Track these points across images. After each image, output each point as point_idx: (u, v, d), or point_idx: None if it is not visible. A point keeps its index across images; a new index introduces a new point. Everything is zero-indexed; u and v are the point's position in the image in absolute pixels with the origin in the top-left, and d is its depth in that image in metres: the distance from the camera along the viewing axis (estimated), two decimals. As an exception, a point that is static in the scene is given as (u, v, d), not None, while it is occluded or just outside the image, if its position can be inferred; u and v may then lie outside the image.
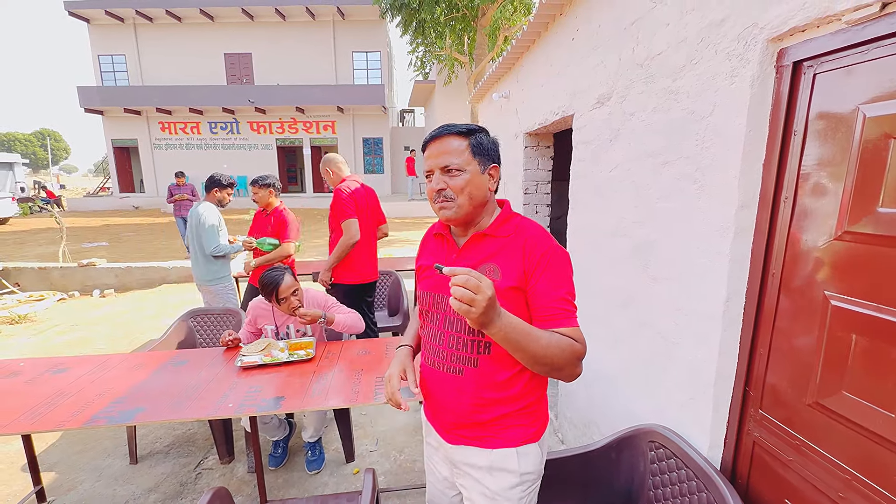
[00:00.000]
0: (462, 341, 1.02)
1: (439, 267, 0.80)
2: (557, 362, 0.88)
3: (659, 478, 1.37)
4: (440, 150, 0.98)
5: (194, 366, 1.99)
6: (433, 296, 1.07)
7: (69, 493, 2.13)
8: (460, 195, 0.98)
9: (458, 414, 1.05)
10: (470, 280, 0.74)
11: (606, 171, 1.90)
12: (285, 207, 3.26)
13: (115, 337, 4.23)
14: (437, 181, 0.98)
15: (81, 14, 16.90)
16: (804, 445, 1.04)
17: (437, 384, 1.09)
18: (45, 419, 1.54)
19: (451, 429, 1.08)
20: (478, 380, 1.01)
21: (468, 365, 1.02)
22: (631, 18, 1.64)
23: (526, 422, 1.05)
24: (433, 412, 1.14)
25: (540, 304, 0.94)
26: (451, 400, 1.05)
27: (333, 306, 2.31)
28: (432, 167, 0.99)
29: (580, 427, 2.22)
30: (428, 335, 1.11)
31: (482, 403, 1.02)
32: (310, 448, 2.33)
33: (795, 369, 1.06)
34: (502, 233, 1.02)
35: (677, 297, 1.41)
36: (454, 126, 1.00)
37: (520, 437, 1.04)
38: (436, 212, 1.02)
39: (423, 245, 1.20)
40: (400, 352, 1.22)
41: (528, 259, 0.96)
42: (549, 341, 0.87)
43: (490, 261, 1.00)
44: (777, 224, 1.09)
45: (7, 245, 8.86)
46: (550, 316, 0.93)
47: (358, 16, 17.07)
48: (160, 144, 18.01)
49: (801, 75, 1.02)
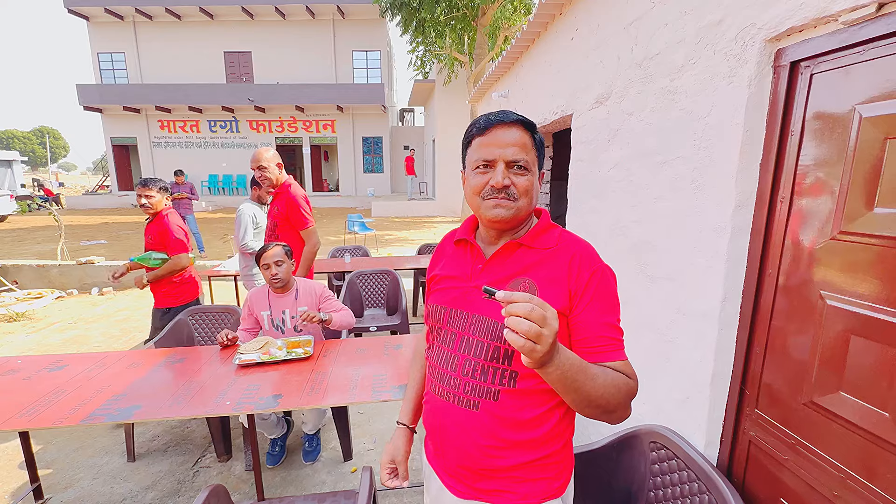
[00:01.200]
0: (481, 368, 0.84)
1: (490, 291, 0.64)
2: (612, 404, 0.74)
3: (660, 478, 1.37)
4: (510, 140, 0.82)
5: (192, 363, 1.98)
6: (449, 311, 0.91)
7: (67, 491, 2.12)
8: (523, 197, 0.84)
9: (468, 457, 0.87)
10: (535, 310, 0.59)
11: (605, 170, 1.90)
12: (170, 211, 2.81)
13: (112, 335, 4.22)
14: (503, 175, 0.82)
15: (81, 11, 16.88)
16: (799, 444, 1.05)
17: (445, 418, 0.90)
18: (43, 416, 1.54)
19: (457, 475, 0.90)
20: (497, 417, 0.84)
21: (487, 398, 0.84)
22: (630, 18, 1.64)
23: (550, 474, 0.87)
24: (436, 452, 0.94)
25: (587, 333, 0.80)
26: (461, 438, 0.87)
27: (329, 299, 2.34)
28: (496, 157, 0.82)
29: (579, 427, 2.22)
30: (438, 358, 0.93)
31: (499, 447, 0.84)
32: (307, 440, 2.37)
33: (791, 369, 1.07)
34: (541, 244, 0.87)
35: (674, 297, 1.42)
36: (520, 115, 0.84)
37: (541, 492, 0.87)
38: (480, 208, 0.86)
39: (440, 252, 1.03)
40: (394, 435, 1.07)
41: (576, 280, 0.82)
42: (606, 380, 0.73)
43: (524, 275, 0.85)
44: (774, 224, 1.10)
45: (5, 243, 8.85)
46: (599, 348, 0.79)
47: (358, 15, 17.08)
48: (159, 142, 18.00)
49: (798, 75, 1.03)
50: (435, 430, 0.93)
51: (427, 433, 0.98)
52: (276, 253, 2.23)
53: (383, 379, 1.81)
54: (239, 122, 17.82)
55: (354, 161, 18.32)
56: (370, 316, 3.68)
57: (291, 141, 18.28)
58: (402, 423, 1.08)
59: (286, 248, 2.28)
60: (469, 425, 0.86)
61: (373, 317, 3.64)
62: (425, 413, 0.98)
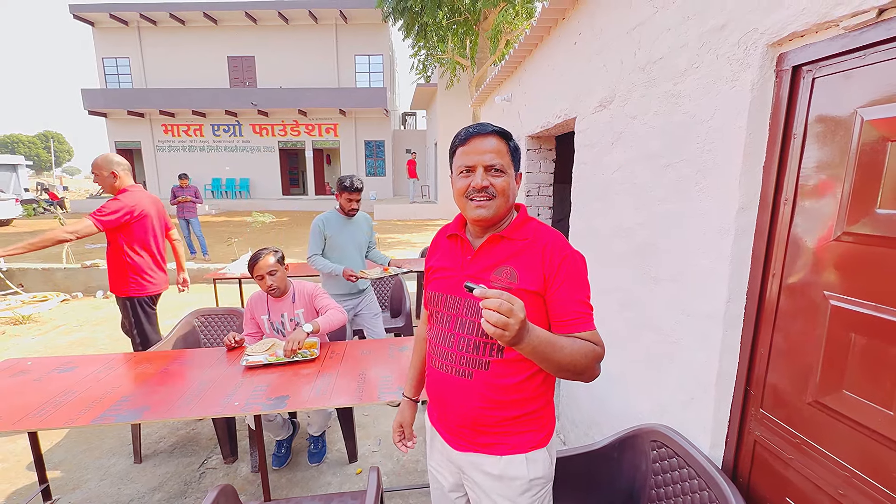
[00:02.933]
0: (473, 344, 1.01)
1: (470, 287, 0.77)
2: (579, 367, 0.89)
3: (661, 477, 1.38)
4: (487, 148, 0.96)
5: (199, 365, 2.00)
6: (445, 297, 1.06)
7: (74, 492, 2.14)
8: (500, 196, 0.97)
9: (466, 418, 1.03)
10: (503, 304, 0.73)
11: (608, 173, 1.92)
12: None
13: (118, 337, 4.24)
14: (482, 178, 0.96)
15: (86, 17, 17.05)
16: (805, 444, 1.06)
17: (445, 387, 1.07)
18: (53, 417, 1.56)
19: (458, 433, 1.06)
20: (487, 383, 1.00)
21: (479, 368, 1.00)
22: (632, 23, 1.66)
23: (534, 427, 1.04)
24: (439, 416, 1.12)
25: (560, 309, 0.95)
26: (459, 403, 1.04)
27: (320, 296, 2.32)
28: (476, 163, 0.96)
29: (582, 428, 2.23)
30: (436, 337, 1.09)
31: (491, 407, 1.01)
32: (313, 441, 2.38)
33: (796, 368, 1.08)
34: (519, 236, 1.02)
35: (679, 298, 1.43)
36: (495, 126, 0.99)
37: (528, 442, 1.03)
38: (465, 209, 1.01)
39: (435, 246, 1.19)
40: (401, 406, 1.31)
41: (548, 265, 0.96)
42: (573, 348, 0.88)
43: (506, 263, 0.99)
44: (777, 225, 1.11)
45: (11, 246, 8.90)
46: (570, 321, 0.94)
47: (360, 19, 17.18)
48: (163, 146, 18.12)
49: (800, 79, 1.04)
50: (437, 397, 1.11)
51: (430, 400, 1.16)
52: (267, 263, 2.17)
53: (389, 380, 1.83)
54: (242, 127, 17.93)
55: (357, 164, 18.37)
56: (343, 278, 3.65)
57: (294, 145, 18.37)
58: (406, 395, 1.32)
59: (278, 256, 2.23)
60: (465, 391, 1.02)
61: (376, 319, 3.65)
62: (428, 384, 1.15)
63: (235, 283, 4.95)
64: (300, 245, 8.85)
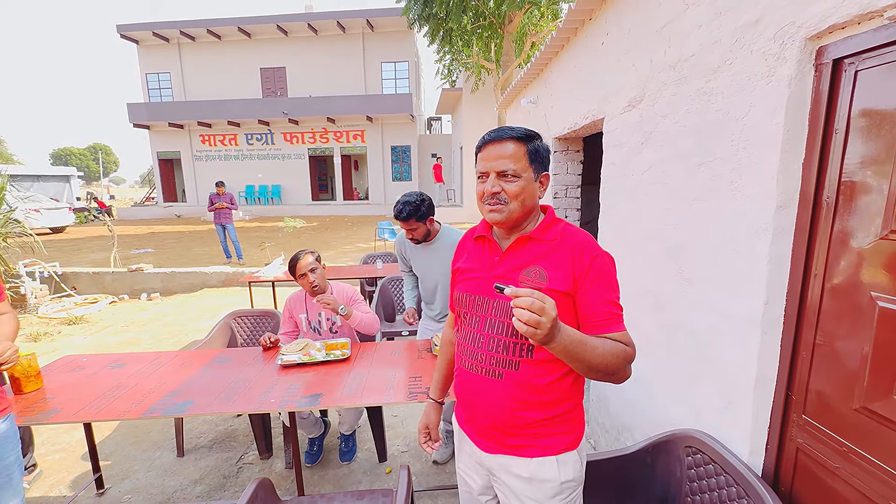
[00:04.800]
0: (503, 344, 1.00)
1: (500, 287, 0.78)
2: (611, 367, 0.88)
3: (696, 484, 1.35)
4: (499, 154, 0.97)
5: (238, 364, 2.09)
6: (473, 298, 1.06)
7: (124, 482, 2.27)
8: (513, 200, 0.98)
9: (496, 419, 1.02)
10: (535, 302, 0.74)
11: (638, 173, 1.89)
12: None
13: (160, 337, 4.48)
14: (493, 184, 0.98)
15: (131, 36, 18.19)
16: (852, 452, 1.01)
17: (474, 388, 1.06)
18: (107, 410, 1.67)
19: (487, 435, 1.06)
20: (517, 384, 0.99)
21: (509, 368, 1.00)
22: (662, 21, 1.64)
23: (565, 429, 1.03)
24: (467, 417, 1.11)
25: (590, 310, 0.95)
26: (489, 404, 1.03)
27: (357, 302, 2.39)
28: (488, 170, 0.98)
29: (612, 433, 2.19)
30: (465, 337, 1.08)
31: (521, 408, 1.00)
32: (344, 440, 2.44)
33: (841, 373, 1.03)
34: (547, 237, 1.01)
35: (714, 300, 1.39)
36: (514, 129, 0.98)
37: (559, 444, 1.02)
38: (483, 213, 1.02)
39: (462, 248, 1.19)
40: (426, 409, 1.31)
41: (578, 265, 0.96)
42: (604, 349, 0.88)
43: (535, 264, 0.99)
44: (819, 224, 1.07)
45: (65, 252, 9.54)
46: (601, 322, 0.94)
47: (386, 27, 17.52)
48: (200, 156, 19.00)
49: (841, 73, 1.01)
50: (466, 399, 1.10)
51: (458, 402, 1.15)
52: (307, 262, 2.26)
53: (418, 381, 1.86)
54: (274, 135, 18.58)
55: (383, 170, 18.68)
56: (402, 321, 3.74)
57: (323, 151, 18.86)
58: (432, 397, 1.32)
59: (315, 255, 2.32)
60: (496, 392, 1.01)
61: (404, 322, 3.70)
62: (456, 385, 1.13)
63: (269, 286, 5.13)
64: (330, 249, 9.07)
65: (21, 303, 5.37)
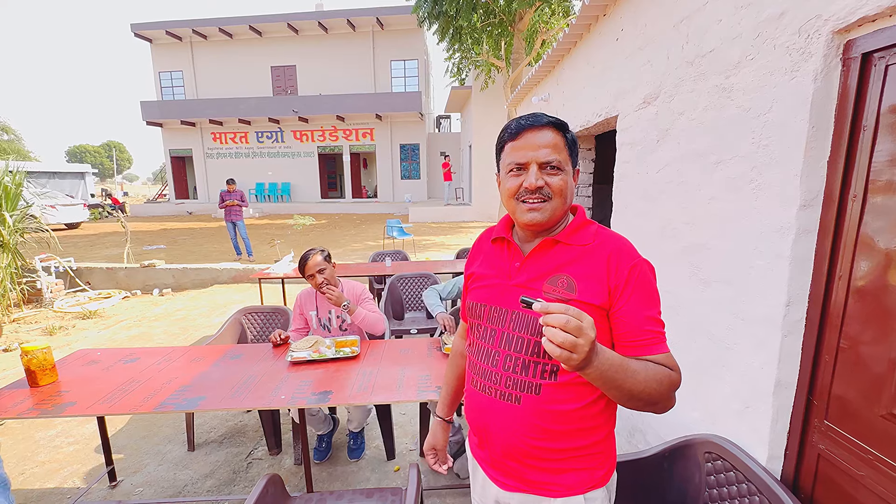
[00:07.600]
0: (522, 363, 0.86)
1: (527, 301, 0.66)
2: (654, 397, 0.76)
3: (716, 490, 1.31)
4: (541, 142, 0.83)
5: (248, 360, 2.10)
6: (488, 308, 0.92)
7: (136, 475, 2.30)
8: (557, 197, 0.84)
9: (512, 449, 0.88)
10: (571, 321, 0.61)
11: (653, 171, 1.85)
12: None
13: (172, 332, 4.53)
14: (536, 177, 0.83)
15: (145, 34, 18.42)
16: (878, 460, 0.98)
17: (487, 413, 0.91)
18: (121, 403, 1.68)
19: (502, 466, 0.92)
20: (538, 410, 0.85)
21: (528, 392, 0.85)
22: (680, 16, 1.61)
23: (594, 463, 0.89)
24: (480, 446, 0.97)
25: (628, 328, 0.81)
26: (504, 432, 0.88)
27: (365, 300, 2.39)
28: (528, 160, 0.84)
29: (623, 434, 2.16)
30: (477, 353, 0.94)
31: (542, 438, 0.86)
32: (352, 437, 2.43)
33: (866, 378, 1.00)
34: (578, 241, 0.88)
35: (732, 301, 1.36)
36: (551, 117, 0.85)
37: (585, 481, 0.88)
38: (516, 212, 0.88)
39: (477, 250, 1.05)
40: (433, 428, 1.19)
41: (615, 276, 0.82)
42: (647, 375, 0.75)
43: (562, 271, 0.85)
44: (845, 224, 1.04)
45: (80, 247, 9.69)
46: (641, 342, 0.80)
47: (396, 25, 17.52)
48: (212, 153, 19.20)
49: (871, 67, 0.97)
50: (478, 425, 0.95)
51: (470, 428, 1.00)
52: (315, 262, 2.27)
53: (427, 380, 1.85)
54: (284, 133, 18.70)
55: (392, 168, 18.72)
56: (410, 319, 3.75)
57: (332, 149, 18.94)
58: (438, 416, 1.20)
59: (325, 254, 2.32)
60: (512, 419, 0.87)
61: (413, 319, 3.70)
62: (467, 408, 0.99)
63: (278, 283, 5.17)
64: (340, 246, 9.11)
65: (37, 297, 5.47)
